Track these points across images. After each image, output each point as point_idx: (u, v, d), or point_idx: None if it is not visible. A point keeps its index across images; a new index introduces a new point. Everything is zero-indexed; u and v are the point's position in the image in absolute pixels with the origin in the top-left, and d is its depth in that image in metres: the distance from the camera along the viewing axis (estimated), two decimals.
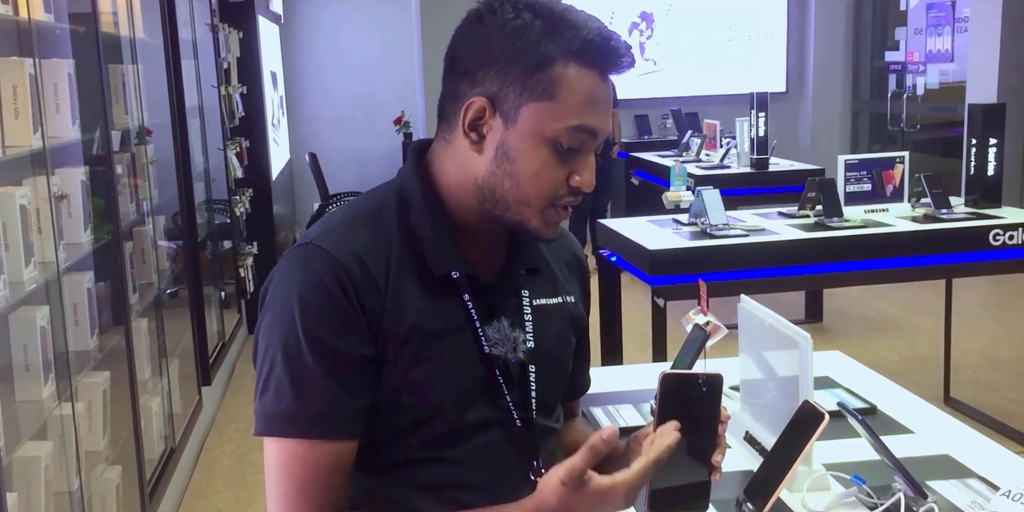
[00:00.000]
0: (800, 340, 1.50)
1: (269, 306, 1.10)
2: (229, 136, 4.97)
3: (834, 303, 5.60)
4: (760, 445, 1.63)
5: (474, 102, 1.07)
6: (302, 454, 1.07)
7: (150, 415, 2.94)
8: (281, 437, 1.07)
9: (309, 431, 1.06)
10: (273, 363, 1.08)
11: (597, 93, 1.07)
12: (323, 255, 1.08)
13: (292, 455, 1.07)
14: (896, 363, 4.64)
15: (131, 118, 3.05)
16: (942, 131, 7.66)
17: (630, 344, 4.14)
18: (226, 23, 4.94)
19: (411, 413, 1.11)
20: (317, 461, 1.07)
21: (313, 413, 1.06)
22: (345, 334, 1.06)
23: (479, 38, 1.07)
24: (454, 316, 1.12)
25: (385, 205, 1.14)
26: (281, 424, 1.07)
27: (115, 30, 2.93)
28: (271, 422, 1.07)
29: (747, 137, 5.51)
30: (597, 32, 1.06)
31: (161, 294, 3.17)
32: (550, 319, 1.21)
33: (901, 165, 3.80)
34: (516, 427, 1.15)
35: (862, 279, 3.84)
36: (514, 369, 1.15)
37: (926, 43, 7.48)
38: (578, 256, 1.31)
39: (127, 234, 2.95)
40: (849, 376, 2.07)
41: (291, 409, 1.06)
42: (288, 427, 1.07)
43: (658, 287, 3.43)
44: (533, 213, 1.10)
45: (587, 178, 1.09)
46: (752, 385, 1.77)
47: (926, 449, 1.66)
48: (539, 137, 1.06)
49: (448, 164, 1.13)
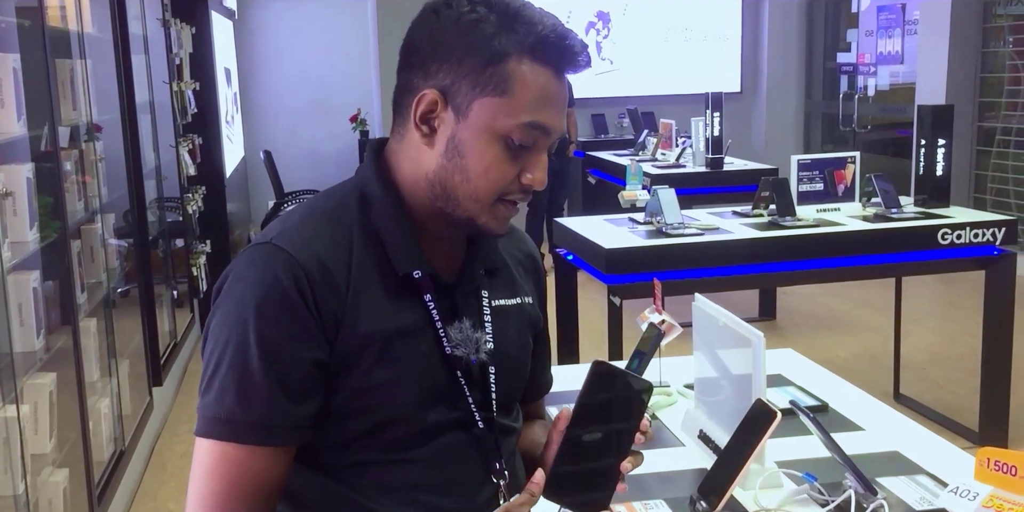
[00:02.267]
0: (753, 339, 1.51)
1: (222, 304, 1.08)
2: (181, 133, 4.90)
3: (787, 301, 5.66)
4: (714, 443, 1.64)
5: (426, 95, 1.06)
6: (237, 458, 1.05)
7: (99, 416, 2.89)
8: (218, 440, 1.05)
9: (246, 437, 1.05)
10: (219, 363, 1.06)
11: (551, 90, 1.06)
12: (283, 256, 1.06)
13: (225, 457, 1.05)
14: (848, 360, 4.70)
15: (79, 114, 2.99)
16: (892, 132, 7.78)
17: (587, 342, 4.15)
18: (178, 18, 4.87)
19: (372, 415, 1.09)
20: (252, 466, 1.05)
21: (253, 419, 1.04)
22: (298, 339, 1.05)
23: (434, 31, 1.06)
24: (416, 317, 1.11)
25: (345, 204, 1.13)
26: (219, 427, 1.05)
27: (63, 24, 2.87)
28: (210, 424, 1.06)
29: (702, 137, 5.55)
30: (552, 29, 1.05)
31: (111, 293, 3.11)
32: (509, 320, 1.20)
33: (852, 165, 3.85)
34: (478, 428, 1.14)
35: (814, 277, 3.89)
36: (475, 370, 1.14)
37: (877, 45, 7.59)
38: (533, 256, 1.31)
39: (75, 232, 2.89)
40: (801, 374, 2.09)
41: (232, 412, 1.04)
42: (226, 431, 1.05)
43: (614, 286, 3.44)
44: (482, 209, 1.09)
45: (539, 176, 1.08)
46: (706, 383, 1.78)
47: (876, 446, 1.69)
48: (490, 132, 1.05)
49: (403, 160, 1.12)
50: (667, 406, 1.93)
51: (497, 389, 1.16)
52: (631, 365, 1.87)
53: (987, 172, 6.76)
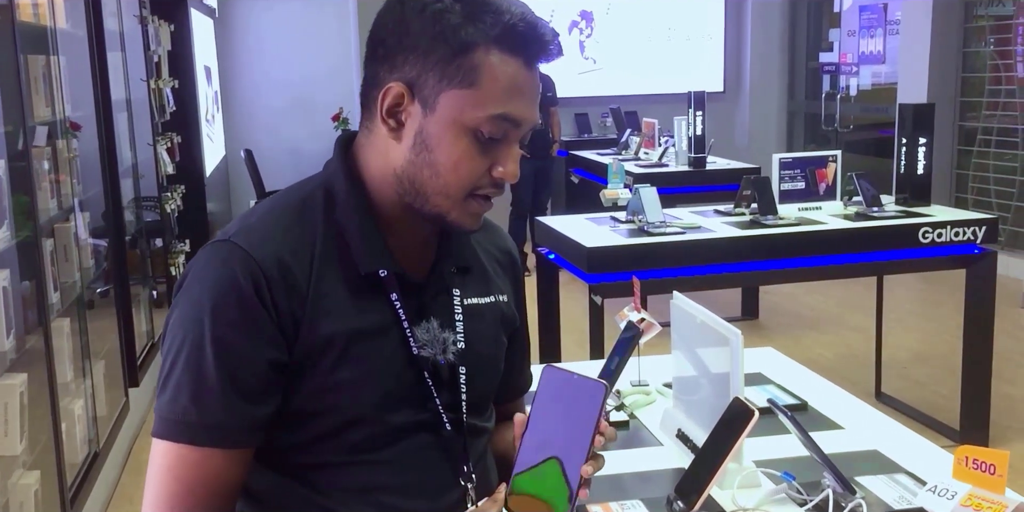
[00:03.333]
0: (731, 337, 1.49)
1: (179, 302, 1.05)
2: (160, 131, 4.85)
3: (770, 300, 5.67)
4: (692, 443, 1.62)
5: (392, 87, 1.04)
6: (191, 460, 1.03)
7: (73, 418, 2.84)
8: (173, 442, 1.03)
9: (201, 438, 1.03)
10: (175, 363, 1.03)
11: (520, 81, 1.03)
12: (240, 254, 1.03)
13: (181, 460, 1.03)
14: (829, 359, 4.71)
15: (52, 111, 2.94)
16: (874, 131, 7.81)
17: (570, 341, 4.14)
18: (156, 15, 4.82)
19: (334, 416, 1.07)
20: (206, 468, 1.03)
21: (209, 420, 1.02)
22: (255, 340, 1.02)
23: (399, 22, 1.03)
24: (381, 316, 1.08)
25: (310, 200, 1.10)
26: (174, 428, 1.03)
27: (34, 19, 2.82)
28: (165, 425, 1.04)
29: (685, 136, 5.54)
30: (521, 17, 1.02)
31: (84, 293, 3.06)
32: (481, 319, 1.17)
33: (834, 164, 3.85)
34: (446, 430, 1.12)
35: (796, 276, 3.89)
36: (444, 371, 1.11)
37: (859, 45, 7.61)
38: (510, 252, 1.28)
39: (48, 231, 2.85)
40: (781, 372, 2.07)
41: (187, 414, 1.02)
42: (180, 432, 1.03)
43: (595, 285, 3.42)
44: (452, 204, 1.06)
45: (510, 169, 1.06)
46: (684, 382, 1.76)
47: (855, 445, 1.67)
48: (458, 125, 1.03)
49: (371, 155, 1.09)
50: (646, 405, 1.91)
51: (468, 390, 1.13)
52: (609, 365, 1.86)
53: (968, 171, 6.79)
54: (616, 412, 1.85)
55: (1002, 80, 6.54)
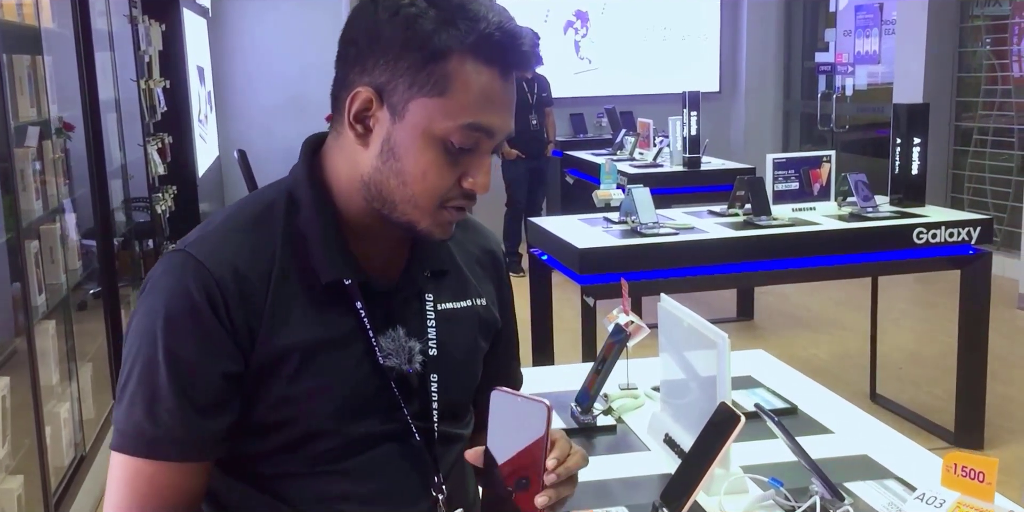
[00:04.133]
0: (717, 340, 1.46)
1: (136, 313, 1.03)
2: (152, 131, 4.82)
3: (765, 301, 5.64)
4: (679, 448, 1.60)
5: (360, 92, 1.00)
6: (147, 473, 1.01)
7: (59, 421, 2.82)
8: (129, 455, 1.01)
9: (155, 452, 1.00)
10: (130, 375, 1.01)
11: (495, 91, 1.00)
12: (194, 265, 1.00)
13: (137, 472, 1.01)
14: (824, 360, 4.68)
15: (38, 111, 2.92)
16: (870, 132, 7.78)
17: (564, 342, 4.11)
18: (147, 15, 4.79)
19: (294, 428, 1.04)
20: (162, 481, 1.01)
21: (162, 434, 1.00)
22: (208, 352, 1.00)
23: (371, 24, 1.00)
24: (344, 326, 1.05)
25: (273, 206, 1.07)
26: (129, 441, 1.01)
27: (19, 18, 2.79)
28: (121, 437, 1.02)
29: (679, 136, 5.52)
30: (498, 26, 0.98)
31: (69, 295, 3.03)
32: (457, 324, 1.14)
33: (828, 164, 3.83)
34: (415, 439, 1.09)
35: (790, 277, 3.86)
36: (412, 380, 1.08)
37: (855, 45, 7.59)
38: (493, 253, 1.24)
39: (34, 232, 2.82)
40: (772, 375, 2.05)
41: (140, 427, 1.00)
42: (135, 446, 1.00)
43: (587, 286, 3.39)
44: (422, 214, 1.03)
45: (481, 180, 1.02)
46: (672, 386, 1.73)
47: (845, 449, 1.65)
48: (428, 135, 0.99)
49: (339, 158, 1.06)
50: (634, 409, 1.88)
51: (439, 398, 1.10)
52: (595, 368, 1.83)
53: (964, 172, 6.77)
54: (603, 416, 1.82)
55: (998, 80, 6.52)
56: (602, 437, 1.77)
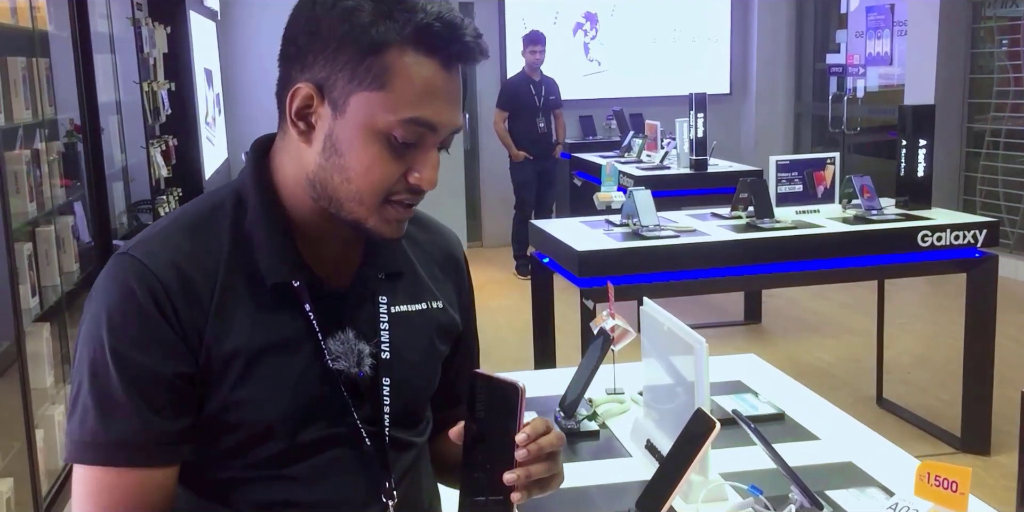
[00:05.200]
0: (696, 345, 1.43)
1: (83, 320, 1.01)
2: (157, 134, 4.83)
3: (773, 304, 5.59)
4: (660, 454, 1.57)
5: (300, 88, 0.99)
6: (109, 482, 0.98)
7: (52, 424, 2.81)
8: (87, 465, 0.98)
9: (114, 458, 0.98)
10: (80, 383, 0.99)
11: (437, 84, 0.97)
12: (137, 267, 0.98)
13: (99, 484, 0.98)
14: (831, 364, 4.63)
15: (34, 113, 2.92)
16: (882, 133, 7.71)
17: (566, 345, 4.08)
18: (152, 17, 4.80)
19: (240, 432, 1.02)
20: (126, 489, 0.98)
21: (119, 439, 0.97)
22: (157, 353, 0.98)
23: (309, 19, 0.98)
24: (291, 328, 1.03)
25: (220, 208, 1.05)
26: (86, 451, 0.98)
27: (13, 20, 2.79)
28: (77, 448, 0.99)
29: (686, 138, 5.48)
30: (437, 16, 0.96)
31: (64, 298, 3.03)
32: (410, 327, 1.11)
33: (832, 166, 3.79)
34: (365, 445, 1.06)
35: (792, 280, 3.82)
36: (363, 383, 1.06)
37: (866, 46, 7.52)
38: (454, 256, 1.22)
39: (28, 234, 2.82)
40: (763, 380, 2.02)
41: (96, 435, 0.97)
42: (92, 454, 0.98)
43: (587, 289, 3.37)
44: (368, 212, 1.01)
45: (427, 175, 1.00)
46: (655, 391, 1.71)
47: (830, 456, 1.62)
48: (370, 129, 0.97)
49: (284, 158, 1.05)
50: (620, 414, 1.86)
51: (391, 402, 1.07)
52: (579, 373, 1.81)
53: (977, 174, 6.69)
54: (588, 422, 1.80)
55: (1011, 81, 6.44)
56: (585, 443, 1.74)
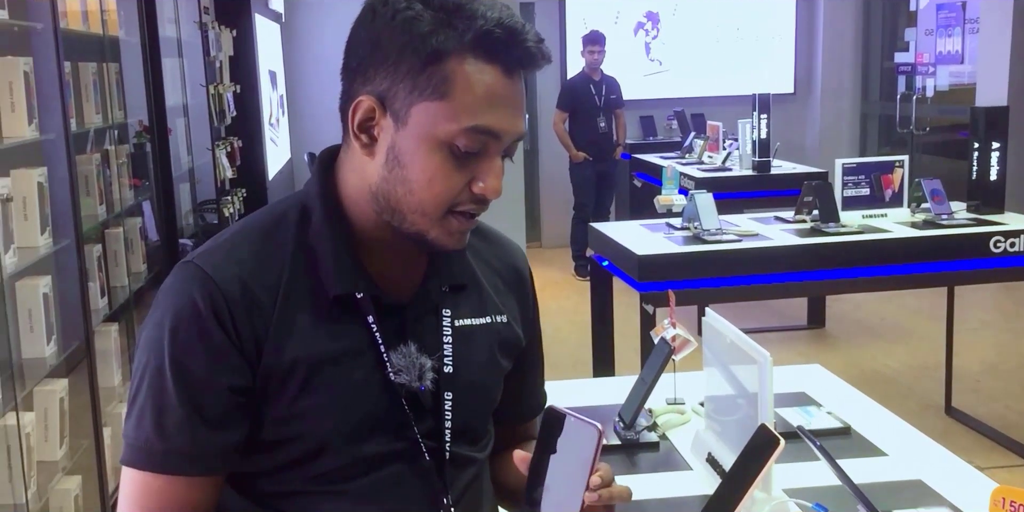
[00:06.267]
0: (760, 359, 1.40)
1: (145, 326, 1.02)
2: (222, 135, 4.90)
3: (838, 308, 5.49)
4: (721, 468, 1.54)
5: (362, 101, 0.99)
6: (156, 487, 1.00)
7: (119, 422, 2.86)
8: (138, 469, 1.00)
9: (165, 466, 0.99)
10: (139, 388, 1.00)
11: (499, 90, 0.96)
12: (201, 276, 0.99)
13: (146, 488, 1.00)
14: (898, 371, 4.53)
15: (104, 117, 2.98)
16: (952, 134, 7.52)
17: (628, 349, 4.04)
18: (218, 21, 4.87)
19: (299, 445, 1.02)
20: (171, 496, 1.00)
21: (171, 447, 0.99)
22: (214, 365, 0.98)
23: (370, 31, 0.98)
24: (355, 340, 1.02)
25: (284, 219, 1.05)
26: (138, 456, 1.00)
27: (85, 27, 2.86)
28: (130, 452, 1.00)
29: (749, 139, 5.40)
30: (497, 22, 0.95)
31: (132, 298, 3.09)
32: (474, 341, 1.10)
33: (901, 169, 3.70)
34: (424, 460, 1.05)
35: (858, 286, 3.75)
36: (424, 397, 1.05)
37: (936, 44, 7.34)
38: (518, 268, 1.21)
39: (97, 236, 2.88)
40: (827, 392, 1.97)
41: (150, 441, 0.99)
42: (144, 460, 0.99)
43: (647, 293, 3.34)
44: (431, 223, 1.00)
45: (491, 184, 0.99)
46: (717, 402, 1.67)
47: (899, 474, 1.57)
48: (432, 139, 0.97)
49: (348, 171, 1.05)
50: (680, 425, 1.83)
51: (453, 417, 1.07)
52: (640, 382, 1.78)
53: None
54: (648, 433, 1.77)
55: None
56: (645, 454, 1.72)
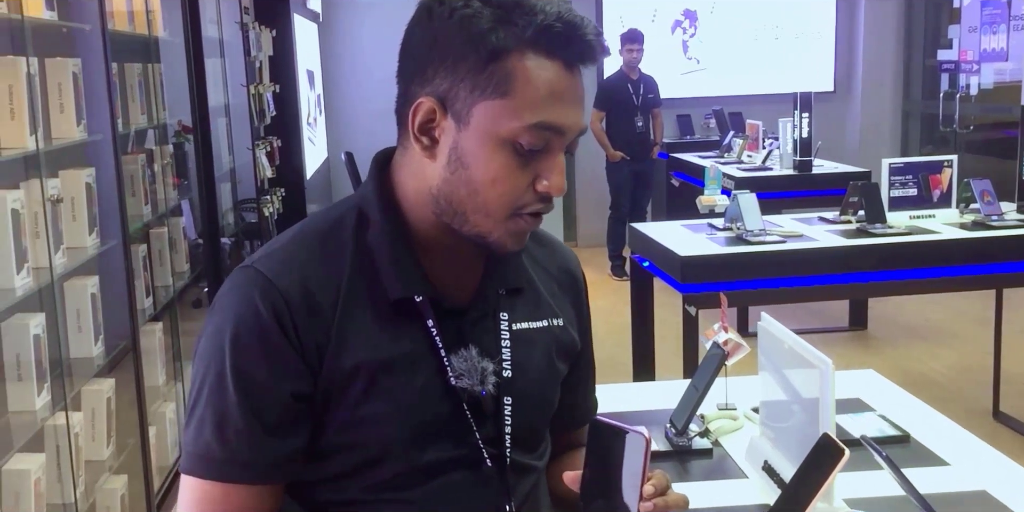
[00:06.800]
0: (821, 366, 1.37)
1: (204, 331, 1.01)
2: (261, 135, 4.93)
3: (880, 310, 5.40)
4: (779, 477, 1.51)
5: (422, 103, 0.97)
6: (215, 496, 0.99)
7: (164, 421, 2.89)
8: (198, 477, 0.99)
9: (225, 474, 0.98)
10: (199, 395, 0.99)
11: (560, 86, 0.95)
12: (262, 282, 0.98)
13: (205, 495, 0.99)
14: (943, 374, 4.45)
15: (149, 118, 3.00)
16: (997, 132, 7.39)
17: (665, 350, 4.01)
18: (259, 21, 4.89)
19: (360, 452, 1.01)
20: (231, 504, 0.99)
21: (232, 456, 0.98)
22: (275, 372, 0.97)
23: (427, 32, 0.97)
24: (414, 344, 1.01)
25: (342, 222, 1.04)
26: (198, 464, 0.99)
27: (130, 28, 2.87)
28: (191, 460, 1.00)
29: (790, 138, 5.34)
30: (557, 17, 0.93)
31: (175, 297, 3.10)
32: (532, 345, 1.09)
33: (949, 169, 3.62)
34: (486, 466, 1.04)
35: (905, 289, 3.67)
36: (486, 402, 1.03)
37: (980, 41, 7.21)
38: (572, 272, 1.19)
39: (143, 236, 2.90)
40: (882, 398, 1.93)
41: (210, 449, 0.98)
42: (204, 468, 0.98)
43: (689, 295, 3.30)
44: (494, 224, 0.98)
45: (555, 181, 0.97)
46: (772, 408, 1.64)
47: (962, 484, 1.53)
48: (495, 138, 0.95)
49: (406, 174, 1.03)
50: (732, 431, 1.80)
51: (512, 423, 1.05)
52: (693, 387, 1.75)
53: None
54: (700, 439, 1.74)
55: None
56: (697, 461, 1.69)
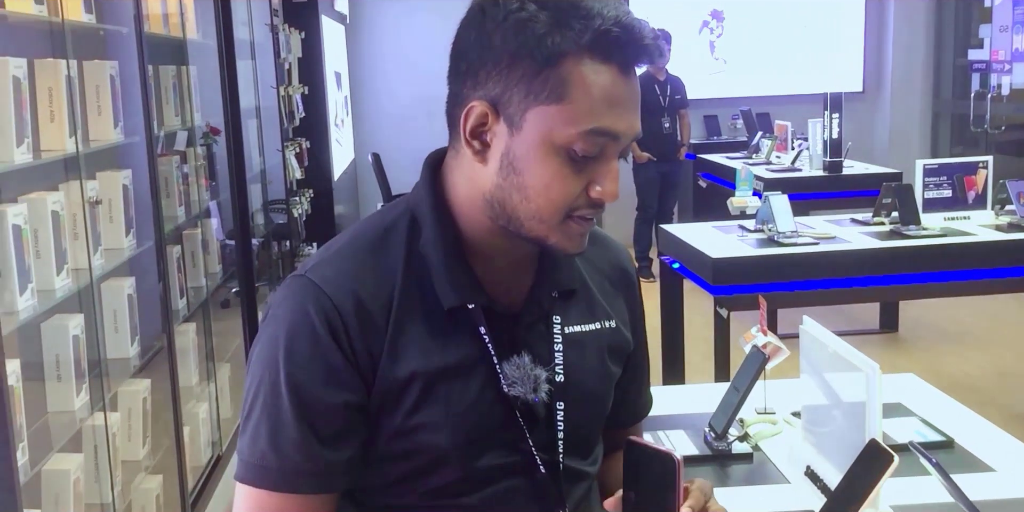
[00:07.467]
0: (867, 370, 1.35)
1: (258, 340, 1.01)
2: (290, 137, 4.95)
3: (911, 312, 5.35)
4: (823, 482, 1.49)
5: (474, 107, 0.96)
6: (270, 505, 0.98)
7: (197, 421, 2.90)
8: (253, 487, 0.99)
9: (279, 484, 0.98)
10: (254, 403, 0.99)
11: (616, 90, 0.93)
12: (315, 291, 0.98)
13: (260, 505, 0.99)
14: (977, 378, 4.40)
15: (183, 120, 3.01)
16: None
17: (695, 354, 3.99)
18: (288, 23, 4.92)
19: (414, 459, 1.00)
20: None
21: (287, 465, 0.97)
22: (329, 382, 0.97)
23: (480, 33, 0.95)
24: (467, 352, 1.00)
25: (394, 228, 1.03)
26: (254, 473, 0.98)
27: (165, 31, 2.89)
28: (246, 469, 0.99)
29: (820, 139, 5.30)
30: (614, 21, 0.91)
31: (209, 298, 3.12)
32: (584, 348, 1.07)
33: (984, 170, 3.59)
34: (539, 473, 1.03)
35: (940, 291, 3.64)
36: (538, 409, 1.03)
37: (1012, 41, 7.13)
38: (625, 269, 1.17)
39: (176, 238, 2.91)
40: (924, 403, 1.90)
41: (265, 458, 0.98)
42: (259, 477, 0.98)
43: (721, 297, 3.28)
44: (549, 229, 0.97)
45: (609, 188, 0.95)
46: (815, 412, 1.62)
47: (1009, 490, 1.51)
48: (548, 145, 0.93)
49: (458, 177, 1.02)
50: (771, 436, 1.78)
51: (565, 428, 1.04)
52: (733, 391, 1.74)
53: None
54: (739, 443, 1.73)
55: None
56: (737, 466, 1.67)
